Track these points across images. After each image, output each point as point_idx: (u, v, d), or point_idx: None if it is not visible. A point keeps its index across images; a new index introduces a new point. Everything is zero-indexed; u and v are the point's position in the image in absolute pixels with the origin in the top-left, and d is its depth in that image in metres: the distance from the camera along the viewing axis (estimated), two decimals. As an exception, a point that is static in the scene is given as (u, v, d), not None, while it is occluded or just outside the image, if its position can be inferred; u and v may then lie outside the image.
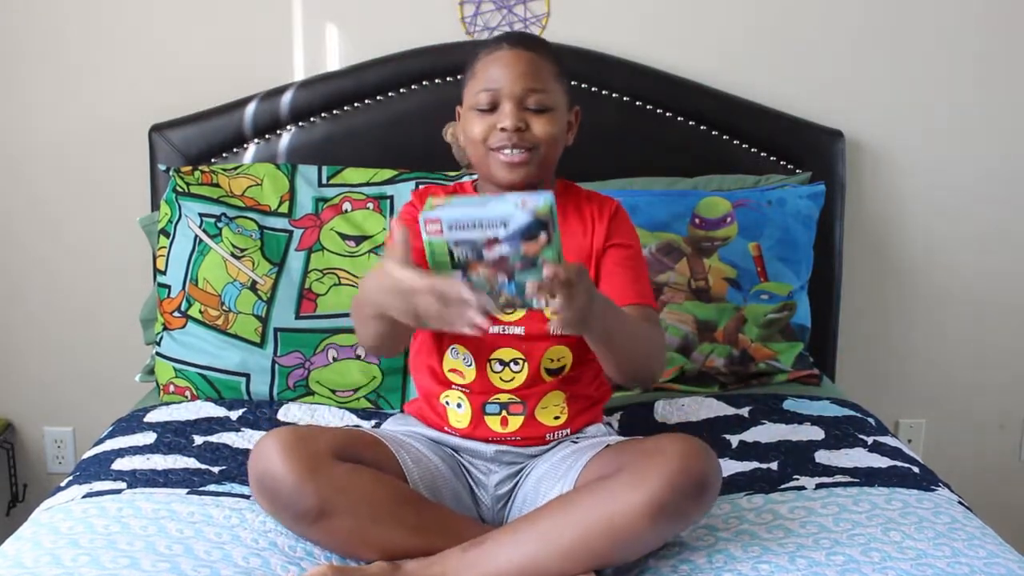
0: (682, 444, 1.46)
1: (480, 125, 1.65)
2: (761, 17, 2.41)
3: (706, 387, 2.16)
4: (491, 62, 1.66)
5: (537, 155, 1.64)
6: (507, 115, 1.62)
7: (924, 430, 2.64)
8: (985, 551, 1.50)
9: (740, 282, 2.20)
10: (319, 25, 2.38)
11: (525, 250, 1.28)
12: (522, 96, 1.63)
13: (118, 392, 2.36)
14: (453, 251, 1.29)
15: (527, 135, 1.63)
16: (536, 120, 1.64)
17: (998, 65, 2.46)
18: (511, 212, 1.26)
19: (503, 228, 1.26)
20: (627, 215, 1.75)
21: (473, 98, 1.67)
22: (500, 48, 1.67)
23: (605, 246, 1.69)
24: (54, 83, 2.39)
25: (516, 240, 1.27)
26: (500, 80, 1.63)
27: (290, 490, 1.45)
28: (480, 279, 1.31)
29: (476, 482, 1.66)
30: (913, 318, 2.57)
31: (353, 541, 1.49)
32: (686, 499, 1.42)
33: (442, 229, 1.28)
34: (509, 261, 1.28)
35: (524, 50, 1.66)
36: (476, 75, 1.67)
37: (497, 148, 1.64)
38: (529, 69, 1.64)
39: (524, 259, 1.28)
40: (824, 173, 2.36)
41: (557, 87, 1.66)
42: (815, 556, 1.48)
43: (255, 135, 2.33)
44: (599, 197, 1.75)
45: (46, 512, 1.62)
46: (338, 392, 2.07)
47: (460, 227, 1.27)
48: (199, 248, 2.11)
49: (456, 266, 1.30)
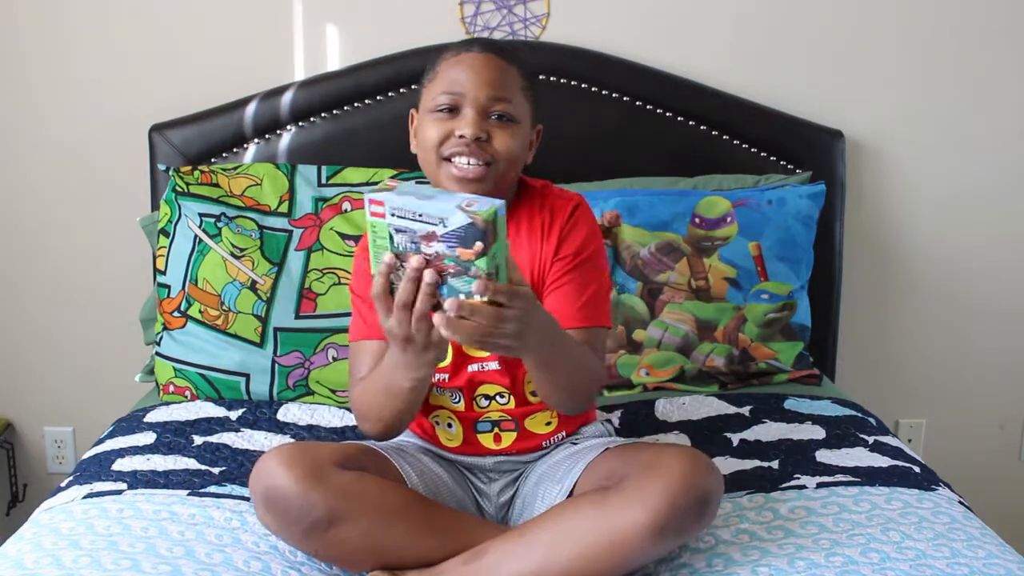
0: (684, 460, 1.43)
1: (436, 129, 1.53)
2: (761, 17, 2.41)
3: (706, 387, 2.16)
4: (456, 63, 1.54)
5: (494, 171, 1.53)
6: (468, 122, 1.50)
7: (924, 430, 2.64)
8: (984, 551, 1.50)
9: (740, 282, 2.20)
10: (319, 25, 2.38)
11: (460, 254, 1.22)
12: (486, 104, 1.52)
13: (118, 392, 2.36)
14: (393, 237, 1.25)
15: (487, 147, 1.51)
16: (498, 132, 1.52)
17: (998, 65, 2.46)
18: (452, 211, 1.21)
19: (441, 226, 1.21)
20: (586, 213, 1.63)
21: (432, 100, 1.54)
22: (469, 50, 1.55)
23: (554, 259, 1.58)
24: (55, 83, 2.38)
25: (452, 242, 1.22)
26: (464, 84, 1.52)
27: (299, 501, 1.41)
28: None
29: (479, 491, 1.65)
30: (913, 318, 2.57)
31: (363, 548, 1.46)
32: (688, 517, 1.40)
33: (384, 213, 1.24)
34: (443, 261, 1.24)
35: (494, 56, 1.55)
36: (438, 76, 1.55)
37: (451, 157, 1.52)
38: (497, 76, 1.53)
39: (458, 263, 1.23)
40: (824, 173, 2.36)
41: (524, 101, 1.56)
42: (814, 557, 1.48)
43: (255, 135, 2.33)
44: (559, 200, 1.63)
45: (46, 513, 1.62)
46: (338, 392, 2.07)
47: (401, 215, 1.23)
48: (199, 248, 2.11)
49: (394, 251, 1.26)
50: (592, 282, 1.58)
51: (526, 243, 1.60)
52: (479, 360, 1.59)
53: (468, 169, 1.52)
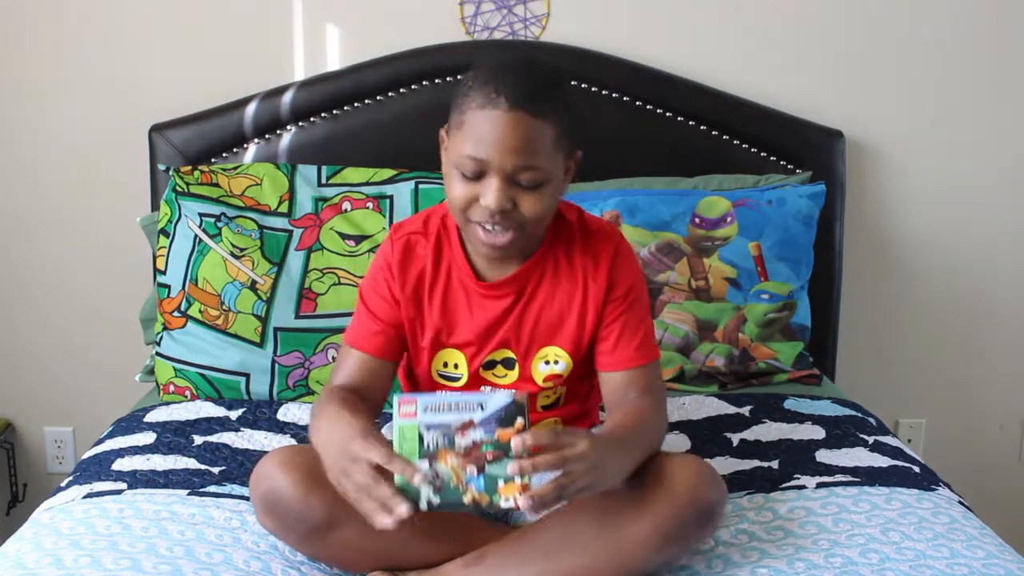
0: (690, 472, 1.42)
1: (461, 191, 1.45)
2: (761, 17, 2.41)
3: (706, 387, 2.16)
4: (483, 120, 1.41)
5: (523, 234, 1.48)
6: (492, 195, 1.42)
7: (924, 430, 2.64)
8: (984, 552, 1.50)
9: (740, 282, 2.20)
10: (319, 25, 2.38)
11: (499, 436, 1.23)
12: (512, 173, 1.42)
13: (118, 392, 2.36)
14: (424, 436, 1.24)
15: (513, 214, 1.44)
16: (525, 198, 1.44)
17: (998, 65, 2.46)
18: (488, 396, 1.25)
19: (480, 410, 1.23)
20: (628, 248, 1.60)
21: (457, 155, 1.44)
22: (497, 105, 1.40)
23: (605, 300, 1.56)
24: (55, 83, 2.39)
25: (492, 424, 1.23)
26: (488, 150, 1.40)
27: (298, 504, 1.41)
28: (447, 471, 1.24)
29: None
30: (913, 318, 2.58)
31: (362, 551, 1.46)
32: (691, 528, 1.41)
33: (416, 411, 1.25)
34: (481, 448, 1.23)
35: (523, 114, 1.39)
36: (464, 126, 1.43)
37: (478, 222, 1.47)
38: (525, 141, 1.40)
39: (497, 447, 1.23)
40: (824, 173, 2.36)
41: (555, 154, 1.44)
42: (813, 558, 1.48)
43: (255, 135, 2.33)
44: (595, 236, 1.58)
45: (46, 512, 1.62)
46: (338, 392, 2.07)
47: (435, 409, 1.25)
48: (199, 248, 2.11)
49: (424, 455, 1.25)
50: (643, 319, 1.59)
51: (565, 281, 1.57)
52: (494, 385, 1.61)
53: (495, 234, 1.47)
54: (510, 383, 1.60)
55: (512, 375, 1.60)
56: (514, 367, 1.61)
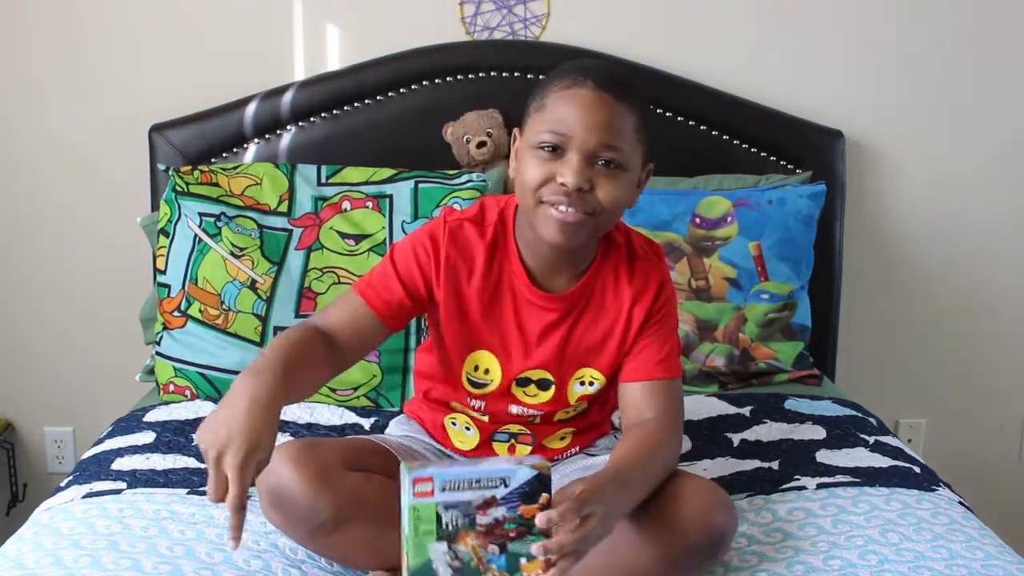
0: (701, 497, 1.40)
1: (537, 170, 1.41)
2: (761, 17, 2.41)
3: (706, 387, 2.16)
4: (567, 99, 1.40)
5: (593, 222, 1.43)
6: (571, 169, 1.38)
7: (924, 430, 2.64)
8: (983, 552, 1.50)
9: (740, 281, 2.20)
10: (319, 25, 2.38)
11: (523, 512, 1.17)
12: (594, 150, 1.39)
13: (118, 392, 2.36)
14: (442, 516, 1.17)
15: (589, 196, 1.40)
16: (603, 181, 1.41)
17: (998, 65, 2.46)
18: (513, 469, 1.17)
19: (503, 487, 1.17)
20: (668, 276, 1.58)
21: (537, 135, 1.41)
22: (583, 85, 1.40)
23: (644, 324, 1.53)
24: (55, 83, 2.38)
25: (515, 501, 1.17)
26: (572, 124, 1.38)
27: (306, 502, 1.40)
28: (467, 552, 1.18)
29: None
30: (913, 318, 2.57)
31: (367, 550, 1.46)
32: (701, 555, 1.39)
33: (433, 490, 1.17)
34: (503, 527, 1.17)
35: (610, 96, 1.40)
36: (546, 108, 1.42)
37: (551, 203, 1.41)
38: (610, 120, 1.39)
39: (520, 524, 1.17)
40: (824, 173, 2.36)
41: (635, 144, 1.44)
42: (812, 561, 1.48)
43: (255, 135, 2.33)
44: (643, 262, 1.55)
45: (46, 512, 1.62)
46: (338, 390, 2.07)
47: (455, 487, 1.17)
48: (199, 247, 2.11)
49: (442, 536, 1.18)
50: (670, 335, 1.56)
51: (611, 304, 1.55)
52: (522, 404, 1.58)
53: (567, 213, 1.41)
54: (539, 403, 1.57)
55: (544, 396, 1.56)
56: (549, 388, 1.56)
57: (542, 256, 1.51)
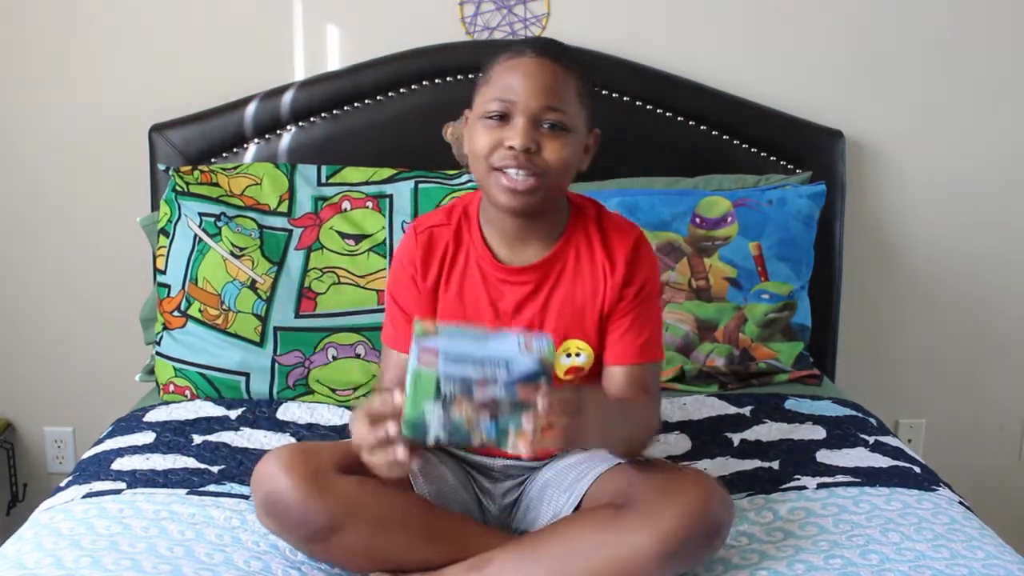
0: (698, 488, 1.41)
1: (486, 138, 1.48)
2: (761, 17, 2.41)
3: (706, 387, 2.16)
4: (510, 68, 1.48)
5: (545, 182, 1.48)
6: (518, 132, 1.45)
7: (924, 430, 2.64)
8: (984, 552, 1.50)
9: (740, 281, 2.20)
10: (319, 25, 2.38)
11: (521, 396, 1.22)
12: (538, 112, 1.46)
13: (118, 392, 2.36)
14: (441, 385, 1.22)
15: (537, 158, 1.46)
16: (550, 142, 1.47)
17: (998, 65, 2.46)
18: (515, 355, 1.22)
19: (504, 371, 1.22)
20: (648, 247, 1.60)
21: (484, 106, 1.49)
22: (523, 54, 1.49)
23: (619, 296, 1.56)
24: (56, 83, 2.39)
25: (514, 385, 1.22)
26: (516, 91, 1.46)
27: (298, 508, 1.40)
28: (460, 417, 1.24)
29: (483, 490, 1.63)
30: (913, 318, 2.57)
31: (363, 554, 1.46)
32: (698, 545, 1.40)
33: (436, 362, 1.22)
34: (498, 404, 1.22)
35: (550, 61, 1.48)
36: (491, 80, 1.50)
37: (501, 167, 1.48)
38: (551, 83, 1.47)
39: (514, 403, 1.23)
40: (824, 173, 2.36)
41: (579, 108, 1.50)
42: (813, 560, 1.48)
43: (255, 135, 2.33)
44: (616, 231, 1.59)
45: (46, 512, 1.62)
46: (338, 391, 2.07)
47: (457, 362, 1.22)
48: (199, 247, 2.11)
49: (438, 399, 1.23)
50: (652, 319, 1.59)
51: (587, 274, 1.57)
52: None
53: (518, 181, 1.47)
54: None
55: None
56: None
57: (507, 230, 1.56)
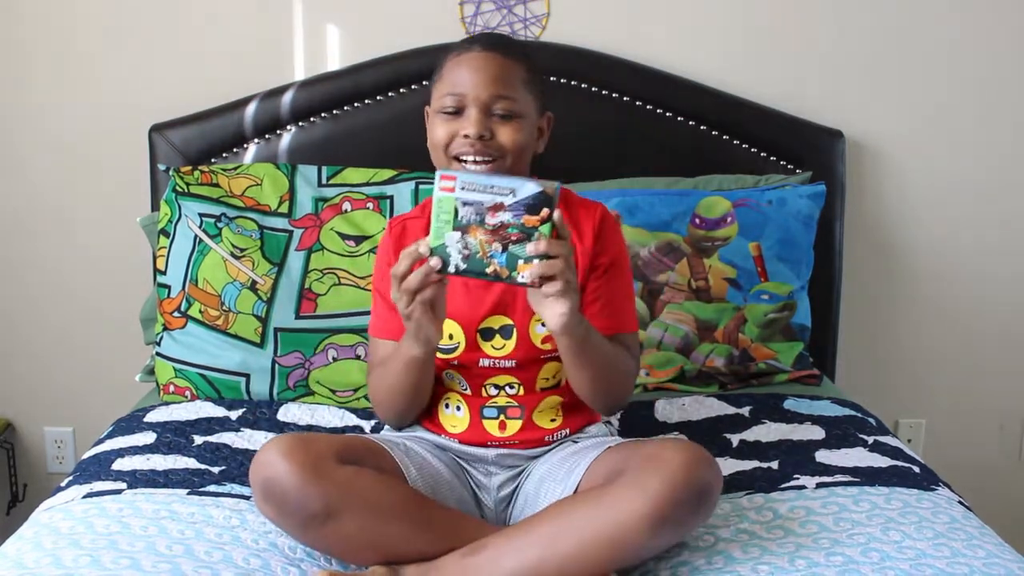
0: (684, 452, 1.44)
1: (443, 130, 1.59)
2: (761, 17, 2.41)
3: (706, 387, 2.16)
4: (459, 64, 1.60)
5: (503, 165, 1.59)
6: (471, 122, 1.57)
7: (924, 430, 2.64)
8: (984, 551, 1.50)
9: (740, 282, 2.20)
10: (319, 25, 2.38)
11: (526, 221, 1.36)
12: (488, 102, 1.58)
13: (118, 392, 2.36)
14: (459, 210, 1.37)
15: (492, 143, 1.58)
16: (502, 128, 1.58)
17: (998, 65, 2.46)
18: (521, 182, 1.37)
19: (511, 196, 1.36)
20: (613, 220, 1.69)
21: (439, 101, 1.61)
22: (470, 50, 1.61)
23: (590, 267, 1.63)
24: (56, 83, 2.39)
25: (520, 209, 1.36)
26: (466, 84, 1.58)
27: (296, 494, 1.42)
28: (475, 243, 1.38)
29: (478, 485, 1.65)
30: (913, 318, 2.58)
31: (360, 543, 1.47)
32: (687, 509, 1.41)
33: (454, 188, 1.37)
34: (507, 230, 1.36)
35: (494, 53, 1.60)
36: (443, 77, 1.62)
37: (459, 155, 1.59)
38: (498, 74, 1.58)
39: (522, 231, 1.36)
40: (824, 173, 2.36)
41: (526, 94, 1.61)
42: (814, 556, 1.48)
43: (255, 135, 2.33)
44: (581, 206, 1.68)
45: (46, 512, 1.62)
46: (338, 392, 2.07)
47: (471, 188, 1.37)
48: (199, 248, 2.11)
49: (456, 226, 1.38)
50: (622, 289, 1.66)
51: None
52: (493, 357, 1.63)
53: (476, 168, 1.57)
54: (508, 353, 1.62)
55: (510, 345, 1.62)
56: (511, 335, 1.62)
57: None
